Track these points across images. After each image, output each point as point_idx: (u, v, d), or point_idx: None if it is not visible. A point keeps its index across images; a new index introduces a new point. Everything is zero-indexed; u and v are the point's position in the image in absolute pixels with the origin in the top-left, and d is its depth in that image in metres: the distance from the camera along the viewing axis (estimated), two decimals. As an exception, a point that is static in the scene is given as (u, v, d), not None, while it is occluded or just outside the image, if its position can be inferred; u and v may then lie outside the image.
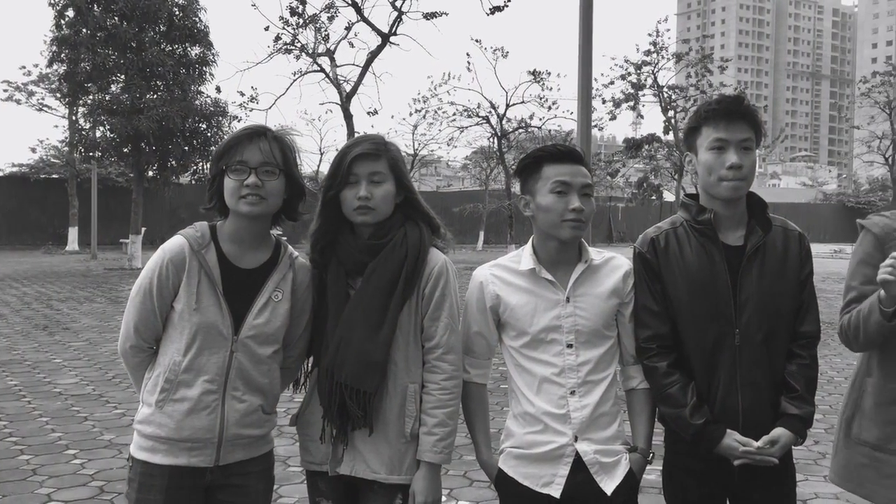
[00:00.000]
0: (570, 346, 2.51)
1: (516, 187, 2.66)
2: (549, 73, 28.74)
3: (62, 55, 22.89)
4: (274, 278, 2.49)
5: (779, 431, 2.45)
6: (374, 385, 2.41)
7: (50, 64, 23.95)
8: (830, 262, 26.51)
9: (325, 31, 23.16)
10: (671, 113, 32.17)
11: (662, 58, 31.80)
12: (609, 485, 2.47)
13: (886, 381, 2.56)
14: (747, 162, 2.48)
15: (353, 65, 23.73)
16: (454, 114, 31.61)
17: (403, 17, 21.97)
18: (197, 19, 23.68)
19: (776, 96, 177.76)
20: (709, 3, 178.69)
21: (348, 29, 23.00)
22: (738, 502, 2.58)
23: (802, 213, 51.07)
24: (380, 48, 22.32)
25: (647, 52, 31.55)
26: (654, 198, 41.87)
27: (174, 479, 2.38)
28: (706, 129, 2.52)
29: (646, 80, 32.06)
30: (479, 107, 30.42)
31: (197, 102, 23.32)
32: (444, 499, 4.69)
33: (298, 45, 23.06)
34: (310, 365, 2.64)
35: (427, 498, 2.43)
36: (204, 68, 23.84)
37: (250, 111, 23.86)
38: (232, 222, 2.47)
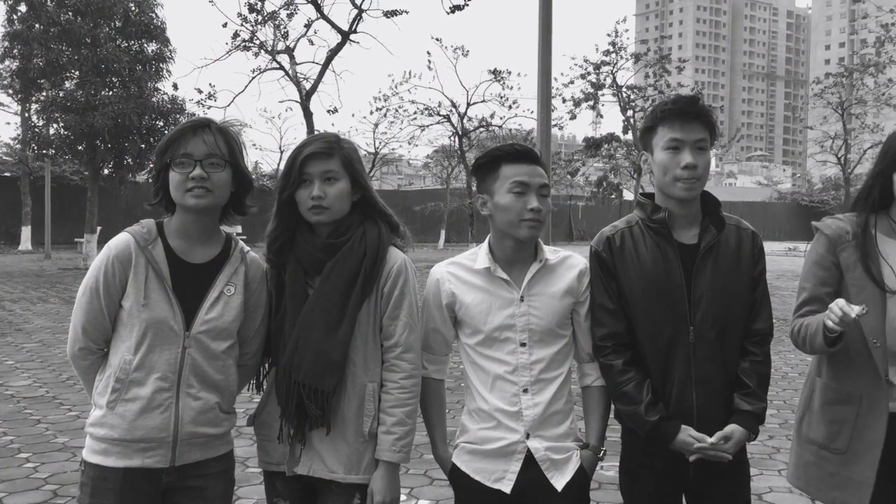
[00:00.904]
0: (523, 344, 2.53)
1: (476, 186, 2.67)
2: (510, 73, 28.99)
3: (14, 51, 22.38)
4: (225, 272, 2.46)
5: (732, 427, 2.49)
6: (331, 384, 2.40)
7: (2, 60, 23.38)
8: (785, 260, 27.00)
9: (285, 28, 23.04)
10: (630, 112, 32.54)
11: (621, 58, 32.18)
12: (560, 481, 2.51)
13: (832, 381, 2.62)
14: (702, 162, 2.52)
15: (313, 62, 23.67)
16: (415, 112, 31.69)
17: (363, 14, 21.90)
18: (153, 15, 23.33)
19: (732, 96, 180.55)
20: (667, 4, 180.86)
21: (308, 26, 22.90)
22: (694, 498, 2.62)
23: (758, 212, 51.94)
24: (340, 46, 22.21)
25: (606, 53, 31.92)
26: (613, 196, 42.26)
27: (128, 482, 2.33)
28: (662, 128, 2.54)
29: (605, 79, 32.41)
30: (439, 105, 30.53)
31: (154, 99, 22.96)
32: (404, 497, 4.69)
33: (257, 42, 22.91)
34: (268, 365, 2.62)
35: (385, 497, 2.43)
36: (161, 65, 23.49)
37: (208, 108, 23.65)
38: (179, 217, 2.44)
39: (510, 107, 30.20)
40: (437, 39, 29.77)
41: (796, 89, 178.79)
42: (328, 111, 25.13)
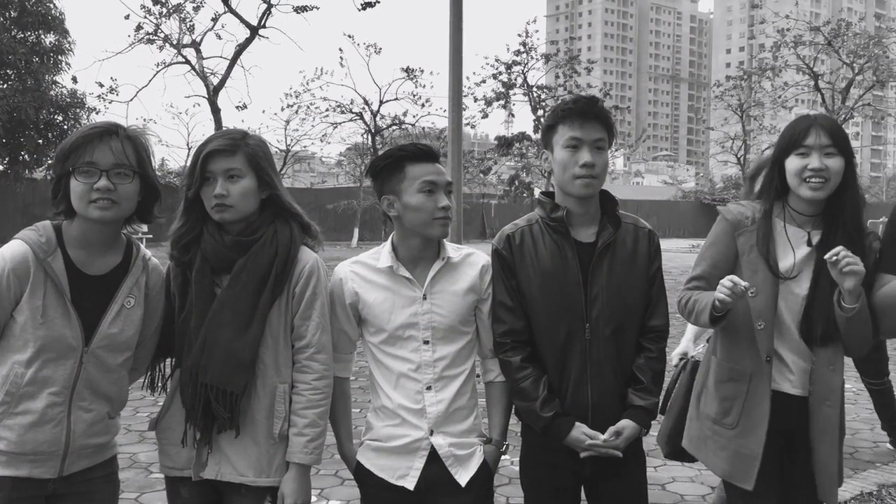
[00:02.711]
0: (426, 342, 2.55)
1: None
2: (422, 71, 29.07)
3: None
4: (127, 283, 2.37)
5: (624, 423, 2.56)
6: (241, 385, 2.36)
7: None
8: (688, 257, 27.80)
9: (190, 21, 22.53)
10: (540, 112, 33.02)
11: (532, 58, 32.65)
12: (463, 476, 2.54)
13: (724, 360, 2.73)
14: (600, 161, 2.58)
15: (221, 57, 23.23)
16: (327, 110, 31.43)
17: (273, 9, 21.59)
18: (51, 5, 22.49)
19: (639, 97, 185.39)
20: (576, 6, 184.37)
21: (215, 20, 22.47)
22: (591, 491, 2.69)
23: (663, 210, 53.47)
24: (248, 41, 21.87)
25: (517, 53, 32.33)
26: (525, 195, 42.87)
27: (17, 491, 2.25)
28: (562, 127, 2.60)
29: (516, 79, 32.83)
30: (352, 103, 30.36)
31: (52, 93, 22.15)
32: (315, 498, 4.65)
33: (162, 35, 22.33)
34: (169, 366, 2.56)
35: (296, 500, 2.41)
36: (59, 57, 22.67)
37: (109, 103, 22.98)
38: (80, 226, 2.31)
39: (423, 105, 30.37)
40: (349, 36, 29.56)
41: (699, 91, 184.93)
42: (237, 107, 24.77)
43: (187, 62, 22.73)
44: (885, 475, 5.08)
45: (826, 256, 2.41)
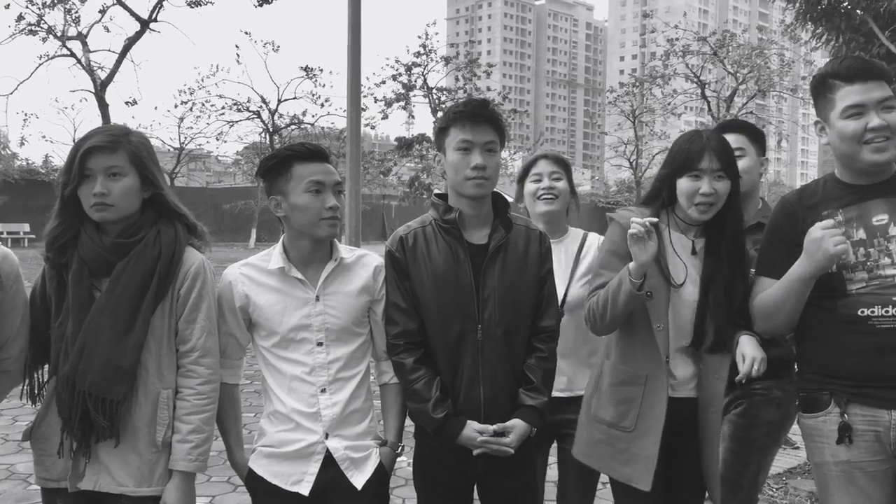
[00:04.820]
0: (319, 343, 2.53)
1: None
2: (322, 70, 28.80)
3: None
4: None
5: (513, 422, 2.59)
6: (121, 393, 2.28)
7: None
8: (584, 258, 28.46)
9: (76, 12, 21.60)
10: (440, 114, 33.14)
11: (432, 60, 32.79)
12: (359, 479, 2.53)
13: (619, 362, 2.76)
14: (491, 163, 2.61)
15: (109, 51, 22.35)
16: (223, 107, 30.76)
17: (164, 2, 20.95)
18: (-78, -9, 21.12)
19: (537, 102, 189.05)
20: (476, 10, 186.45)
21: (103, 12, 21.62)
22: (484, 490, 2.71)
23: (560, 212, 54.61)
24: (138, 34, 21.16)
25: (417, 54, 32.41)
26: (425, 196, 42.96)
27: None
28: (454, 130, 2.62)
29: (416, 81, 32.90)
30: (249, 101, 29.79)
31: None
32: (205, 506, 4.53)
33: (45, 26, 21.32)
34: (44, 373, 2.44)
35: (180, 509, 2.34)
36: (-68, 47, 21.32)
37: (-12, 96, 21.74)
38: None
39: (322, 105, 30.11)
40: (246, 33, 29.13)
41: (595, 97, 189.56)
42: (127, 103, 23.84)
43: (73, 55, 21.80)
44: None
45: (738, 380, 2.56)
